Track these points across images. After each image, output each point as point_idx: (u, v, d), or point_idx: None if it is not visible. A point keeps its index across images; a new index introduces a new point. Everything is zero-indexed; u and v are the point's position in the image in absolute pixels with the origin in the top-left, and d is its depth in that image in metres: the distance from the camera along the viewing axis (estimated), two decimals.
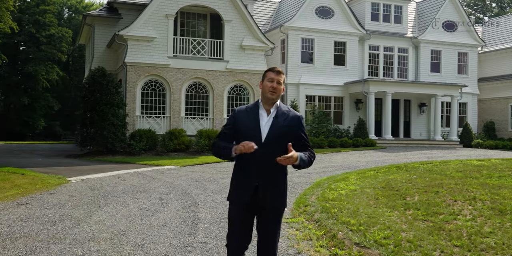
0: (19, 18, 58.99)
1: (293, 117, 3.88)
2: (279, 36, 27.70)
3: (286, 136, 3.76)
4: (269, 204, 3.78)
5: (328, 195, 9.53)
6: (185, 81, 21.62)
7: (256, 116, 3.82)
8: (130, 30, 20.65)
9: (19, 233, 6.29)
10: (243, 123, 3.80)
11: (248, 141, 3.63)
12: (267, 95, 3.81)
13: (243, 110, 3.88)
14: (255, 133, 3.75)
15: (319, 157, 19.26)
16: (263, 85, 3.84)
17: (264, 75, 3.89)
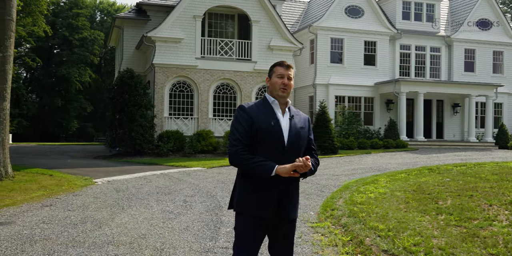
0: (53, 22, 60.23)
1: (304, 118, 3.53)
2: (308, 36, 27.39)
3: (303, 139, 3.41)
4: (288, 217, 3.37)
5: (356, 198, 9.23)
6: (213, 82, 21.55)
7: (275, 117, 3.33)
8: (158, 31, 20.69)
9: (39, 235, 6.22)
10: (262, 124, 3.26)
11: (269, 145, 3.23)
12: (278, 92, 3.38)
13: (255, 109, 3.34)
14: (278, 136, 3.27)
15: (348, 158, 18.90)
16: (272, 82, 3.41)
17: (272, 70, 3.46)
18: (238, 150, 3.23)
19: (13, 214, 7.64)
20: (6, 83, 12.03)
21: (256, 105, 3.39)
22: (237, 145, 3.24)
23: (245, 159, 3.22)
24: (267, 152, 3.24)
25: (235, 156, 3.24)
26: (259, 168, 3.19)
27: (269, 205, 3.28)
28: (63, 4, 64.99)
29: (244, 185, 3.36)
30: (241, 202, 3.36)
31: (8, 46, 12.03)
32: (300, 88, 28.56)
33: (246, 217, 3.33)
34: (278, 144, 3.26)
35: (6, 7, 11.95)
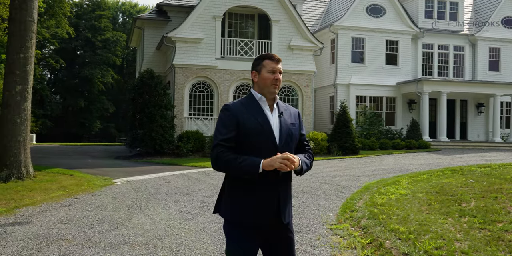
0: (76, 24, 61.02)
1: (294, 113, 3.25)
2: (329, 35, 27.18)
3: (294, 136, 3.13)
4: (286, 220, 3.08)
5: (376, 199, 9.06)
6: (233, 82, 21.50)
7: (263, 114, 3.04)
8: (178, 32, 20.72)
9: (56, 236, 6.22)
10: (250, 123, 2.97)
11: (260, 146, 2.96)
12: (270, 89, 3.08)
13: (240, 107, 3.05)
14: (268, 136, 2.99)
15: (369, 159, 18.65)
16: (262, 78, 3.08)
17: (261, 65, 3.11)
18: (220, 153, 2.93)
19: (32, 214, 7.67)
20: (27, 84, 12.14)
21: (241, 103, 3.09)
22: (220, 148, 2.95)
23: (228, 161, 2.91)
24: (258, 153, 2.95)
25: (218, 159, 2.93)
26: (245, 167, 2.88)
27: (269, 210, 2.99)
28: (86, 6, 65.79)
29: (237, 188, 3.03)
30: (231, 211, 3.02)
31: (29, 47, 12.14)
32: (321, 88, 28.35)
33: (242, 229, 3.00)
34: (270, 144, 2.99)
35: (27, 8, 12.07)
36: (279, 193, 3.03)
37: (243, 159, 2.90)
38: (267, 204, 2.99)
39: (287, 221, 3.10)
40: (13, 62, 11.97)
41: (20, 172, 11.85)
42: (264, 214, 2.98)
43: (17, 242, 5.85)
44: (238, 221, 2.99)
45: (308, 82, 22.34)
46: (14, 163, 11.81)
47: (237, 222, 3.00)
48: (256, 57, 3.22)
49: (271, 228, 3.06)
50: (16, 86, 11.93)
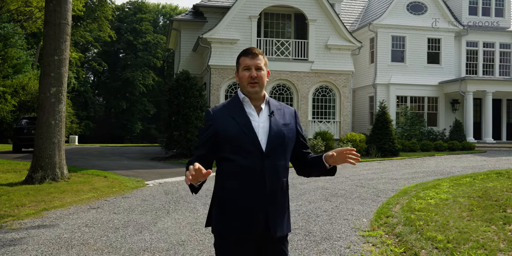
0: (118, 27, 62.18)
1: (289, 112, 2.90)
2: (368, 34, 26.56)
3: (287, 138, 2.78)
4: (278, 234, 2.73)
5: (414, 204, 8.61)
6: (269, 83, 21.23)
7: (245, 116, 2.73)
8: (214, 33, 20.62)
9: (78, 240, 6.09)
10: (230, 129, 2.69)
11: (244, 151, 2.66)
12: (247, 89, 2.77)
13: (222, 111, 2.79)
14: (251, 140, 2.67)
15: (409, 161, 18.02)
16: (240, 77, 2.81)
17: (238, 63, 2.85)
18: (190, 161, 2.69)
19: (59, 217, 7.61)
20: (62, 86, 12.22)
21: (224, 106, 2.83)
22: (192, 156, 2.76)
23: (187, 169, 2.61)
24: (245, 159, 2.66)
25: (187, 167, 2.63)
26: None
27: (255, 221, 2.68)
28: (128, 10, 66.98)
29: (221, 202, 2.75)
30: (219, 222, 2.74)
31: (63, 50, 12.22)
32: (360, 88, 27.75)
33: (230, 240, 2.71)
34: (253, 149, 2.66)
35: (61, 11, 12.15)
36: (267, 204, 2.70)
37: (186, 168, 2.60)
38: (251, 216, 2.68)
39: (280, 235, 2.76)
40: (48, 64, 12.07)
41: (54, 174, 11.93)
42: (249, 226, 2.68)
43: (37, 246, 5.75)
44: (221, 235, 2.72)
45: (346, 82, 21.83)
46: (49, 164, 11.90)
47: (221, 236, 2.73)
48: None
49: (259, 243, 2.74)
50: (51, 88, 12.02)
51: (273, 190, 2.71)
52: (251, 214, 2.68)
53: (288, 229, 2.83)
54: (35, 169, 11.85)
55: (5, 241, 5.99)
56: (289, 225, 2.84)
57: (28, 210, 8.04)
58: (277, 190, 2.74)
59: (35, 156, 12.02)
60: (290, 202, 9.05)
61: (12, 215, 7.58)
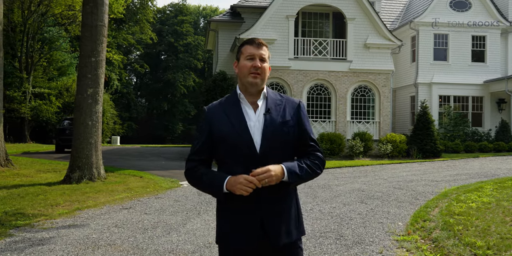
0: (160, 29, 63.10)
1: (291, 106, 2.61)
2: (409, 33, 25.91)
3: (285, 137, 2.52)
4: (281, 242, 2.48)
5: (454, 208, 8.23)
6: (307, 83, 20.97)
7: (240, 115, 2.51)
8: (251, 33, 20.52)
9: (105, 240, 6.07)
10: (223, 128, 2.49)
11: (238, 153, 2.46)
12: (248, 79, 2.51)
13: (217, 109, 2.57)
14: (245, 142, 2.45)
15: (451, 163, 17.43)
16: (240, 66, 2.56)
17: (240, 51, 2.60)
18: (190, 167, 2.53)
19: (90, 216, 7.64)
20: (98, 87, 12.36)
21: (220, 104, 2.60)
22: (190, 163, 2.55)
23: (197, 179, 2.51)
24: (239, 162, 2.46)
25: (187, 176, 2.55)
26: (209, 188, 2.47)
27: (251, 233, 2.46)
28: (169, 12, 67.89)
29: (221, 214, 2.57)
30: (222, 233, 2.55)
31: (100, 51, 12.36)
32: (401, 88, 27.11)
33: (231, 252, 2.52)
34: (248, 151, 2.45)
35: (98, 13, 12.30)
36: (262, 212, 2.46)
37: (209, 177, 2.48)
38: (247, 227, 2.46)
39: (287, 242, 2.50)
40: (85, 66, 12.24)
41: (91, 174, 12.07)
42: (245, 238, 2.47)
43: (65, 246, 5.76)
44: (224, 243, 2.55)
45: (386, 81, 21.33)
46: (86, 164, 12.06)
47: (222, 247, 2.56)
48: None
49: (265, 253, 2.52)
50: (88, 89, 12.18)
51: (271, 196, 2.48)
52: (246, 223, 2.47)
53: (300, 234, 2.58)
54: (72, 169, 12.04)
55: (35, 240, 6.03)
56: (300, 228, 2.60)
57: (61, 209, 8.12)
58: (277, 195, 2.50)
59: (73, 156, 12.21)
60: (324, 204, 8.85)
61: (45, 215, 7.66)
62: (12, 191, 10.28)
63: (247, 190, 2.35)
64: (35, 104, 32.10)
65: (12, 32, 32.33)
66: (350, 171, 15.17)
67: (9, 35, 32.00)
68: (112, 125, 39.97)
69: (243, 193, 2.35)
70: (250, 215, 2.46)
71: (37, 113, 31.78)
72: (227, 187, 2.40)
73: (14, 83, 31.55)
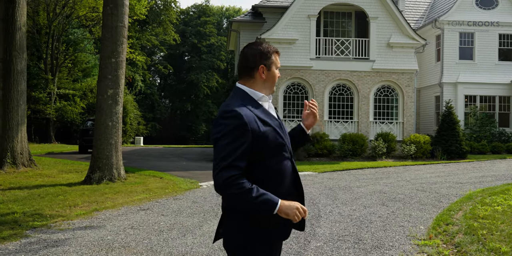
0: (183, 30, 63.43)
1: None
2: (434, 31, 25.45)
3: None
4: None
5: (478, 211, 7.98)
6: (328, 83, 20.74)
7: (273, 117, 2.52)
8: (272, 33, 20.39)
9: (120, 242, 6.02)
10: (266, 131, 2.41)
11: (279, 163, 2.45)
12: (274, 88, 2.61)
13: (250, 113, 2.40)
14: (285, 141, 2.53)
15: (477, 164, 17.02)
16: (272, 75, 2.56)
17: (269, 59, 2.54)
18: (232, 177, 2.29)
19: (108, 218, 7.62)
20: (118, 88, 12.39)
21: (247, 108, 2.41)
22: (233, 171, 2.29)
23: (242, 193, 2.29)
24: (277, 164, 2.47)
25: (229, 186, 2.28)
26: (258, 206, 2.33)
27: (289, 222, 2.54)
28: (192, 13, 68.20)
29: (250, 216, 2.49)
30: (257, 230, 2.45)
31: (120, 52, 12.39)
32: (425, 88, 26.65)
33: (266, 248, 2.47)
34: (288, 152, 2.54)
35: (118, 14, 12.33)
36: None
37: (258, 195, 2.31)
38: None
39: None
40: (105, 67, 12.29)
41: (111, 174, 12.11)
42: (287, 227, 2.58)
43: (79, 248, 5.72)
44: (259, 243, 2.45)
45: (410, 81, 20.96)
46: (106, 165, 12.09)
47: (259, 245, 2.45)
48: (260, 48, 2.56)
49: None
50: (108, 90, 12.22)
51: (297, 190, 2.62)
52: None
53: None
54: (93, 170, 12.09)
55: (50, 241, 6.02)
56: None
57: (79, 210, 8.13)
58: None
59: (93, 157, 12.26)
60: (344, 207, 8.68)
61: (63, 216, 7.67)
62: (33, 191, 10.37)
63: (300, 218, 2.40)
64: (60, 105, 32.55)
65: (37, 34, 32.84)
66: (372, 173, 14.93)
67: (35, 37, 32.52)
68: (135, 126, 40.30)
69: (296, 219, 2.38)
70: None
71: (62, 114, 32.22)
72: (279, 211, 2.35)
73: (40, 84, 32.03)
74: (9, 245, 5.84)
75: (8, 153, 14.43)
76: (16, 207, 8.29)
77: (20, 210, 8.00)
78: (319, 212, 8.16)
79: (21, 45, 14.81)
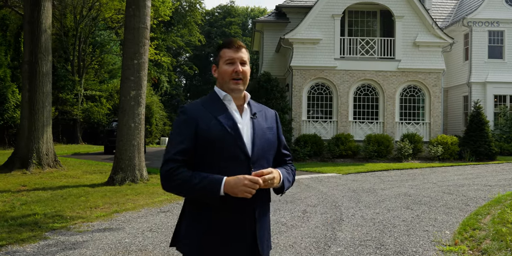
0: (208, 31, 63.74)
1: (271, 115, 2.53)
2: (462, 30, 24.91)
3: (271, 144, 2.42)
4: (265, 253, 2.36)
5: (508, 216, 7.70)
6: (353, 84, 20.47)
7: (229, 116, 2.32)
8: (296, 33, 20.24)
9: (137, 245, 5.97)
10: (213, 129, 2.26)
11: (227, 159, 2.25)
12: (229, 85, 2.35)
13: (200, 108, 2.33)
14: (238, 145, 2.27)
15: (507, 166, 16.56)
16: (221, 71, 2.38)
17: (219, 55, 2.42)
18: (170, 170, 2.22)
19: (127, 220, 7.60)
20: (141, 89, 12.42)
21: (202, 104, 2.36)
22: (170, 164, 2.23)
23: (181, 181, 2.19)
24: (224, 169, 2.23)
25: (167, 178, 2.22)
26: (201, 190, 2.17)
27: (244, 242, 2.27)
28: (217, 14, 68.47)
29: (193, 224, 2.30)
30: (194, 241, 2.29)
31: (142, 53, 12.41)
32: (453, 88, 26.10)
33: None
34: (240, 155, 2.26)
35: (140, 15, 12.36)
36: (255, 218, 2.30)
37: (200, 179, 2.19)
38: (239, 235, 2.27)
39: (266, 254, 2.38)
40: (127, 68, 12.32)
41: (134, 176, 12.13)
42: (238, 249, 2.27)
43: (96, 251, 5.69)
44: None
45: (437, 81, 20.54)
46: (129, 166, 12.12)
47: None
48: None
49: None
50: (131, 91, 12.25)
51: (262, 203, 2.35)
52: (238, 232, 2.28)
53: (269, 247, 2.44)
54: (116, 171, 12.14)
55: (68, 244, 6.00)
56: (270, 242, 2.46)
57: (99, 212, 8.12)
58: (262, 200, 2.36)
59: (116, 158, 12.31)
60: (367, 210, 8.49)
61: (83, 217, 7.67)
62: (56, 192, 10.45)
63: (251, 192, 2.15)
64: (87, 106, 32.97)
65: (65, 36, 33.34)
66: (398, 174, 14.64)
67: (62, 40, 33.02)
68: (161, 127, 40.58)
69: (247, 195, 2.14)
70: (243, 224, 2.28)
71: (89, 115, 32.63)
72: (225, 190, 2.16)
73: (67, 86, 32.50)
74: (27, 247, 5.84)
75: (34, 154, 14.63)
76: (38, 208, 8.33)
77: (41, 211, 8.04)
78: (341, 215, 7.99)
79: (46, 47, 15.00)
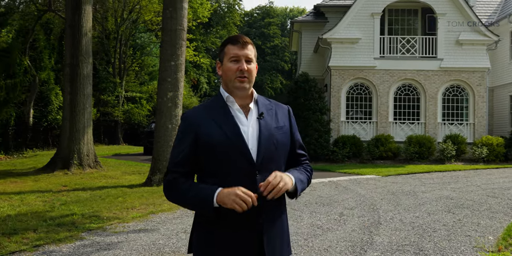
0: (247, 32, 63.89)
1: (283, 112, 2.36)
2: (508, 27, 24.01)
3: (281, 145, 2.24)
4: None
5: None
6: (393, 83, 20.04)
7: (231, 121, 2.20)
8: (334, 33, 19.98)
9: (170, 247, 5.95)
10: (213, 134, 2.16)
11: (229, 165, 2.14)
12: (234, 84, 2.21)
13: (201, 114, 2.23)
14: (240, 149, 2.14)
15: None
16: (225, 69, 2.23)
17: (222, 52, 2.27)
18: (171, 181, 2.19)
19: (162, 221, 7.61)
20: (178, 91, 12.48)
21: (204, 108, 2.26)
22: (172, 175, 2.20)
23: (180, 193, 2.16)
24: (229, 175, 2.13)
25: (168, 189, 2.20)
26: (197, 204, 2.11)
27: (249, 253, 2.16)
28: (256, 15, 68.55)
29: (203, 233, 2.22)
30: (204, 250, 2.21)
31: (179, 55, 12.47)
32: (499, 87, 25.20)
33: None
34: (243, 160, 2.13)
35: (177, 17, 12.42)
36: (261, 228, 2.15)
37: (196, 191, 2.12)
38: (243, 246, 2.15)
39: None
40: (165, 70, 12.40)
41: None
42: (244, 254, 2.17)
43: (129, 252, 5.70)
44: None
45: (481, 80, 19.88)
46: (166, 167, 12.18)
47: None
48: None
49: None
50: (168, 92, 12.33)
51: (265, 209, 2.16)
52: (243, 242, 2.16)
53: (289, 252, 2.32)
54: (153, 172, 12.24)
55: (103, 244, 6.04)
56: (289, 247, 2.33)
57: (136, 213, 8.18)
58: (271, 207, 2.20)
59: (154, 159, 12.42)
60: (406, 213, 8.24)
61: (119, 218, 7.73)
62: (95, 192, 10.61)
63: (241, 205, 2.01)
64: (127, 108, 33.55)
65: (106, 39, 34.04)
66: (440, 177, 14.21)
67: (104, 42, 33.73)
68: None
69: (236, 207, 2.01)
70: (247, 231, 2.15)
71: (129, 116, 33.20)
72: (218, 200, 2.06)
73: (108, 87, 33.17)
74: (64, 247, 5.91)
75: (75, 155, 14.95)
76: (77, 209, 8.46)
77: (79, 212, 8.16)
78: (379, 219, 7.78)
79: (87, 50, 15.30)
